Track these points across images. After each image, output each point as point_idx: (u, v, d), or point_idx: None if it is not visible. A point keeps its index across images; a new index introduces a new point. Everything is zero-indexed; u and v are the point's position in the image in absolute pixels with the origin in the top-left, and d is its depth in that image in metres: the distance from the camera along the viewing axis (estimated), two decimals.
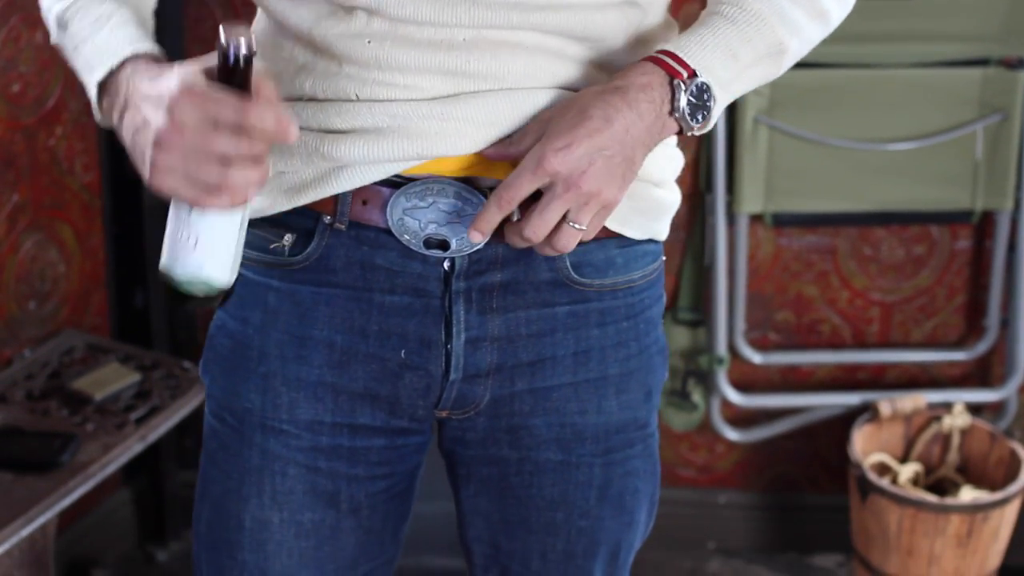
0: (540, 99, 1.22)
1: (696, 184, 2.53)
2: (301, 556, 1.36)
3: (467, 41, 1.20)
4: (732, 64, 1.24)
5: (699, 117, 1.23)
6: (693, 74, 1.21)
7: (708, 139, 2.49)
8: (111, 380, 2.29)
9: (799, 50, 1.31)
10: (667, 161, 1.33)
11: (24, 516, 1.98)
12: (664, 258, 1.39)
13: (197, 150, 1.09)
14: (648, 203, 1.32)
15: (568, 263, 1.29)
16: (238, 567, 1.36)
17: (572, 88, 1.24)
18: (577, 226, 1.19)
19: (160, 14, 1.33)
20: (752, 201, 2.50)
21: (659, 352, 1.38)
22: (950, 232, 2.60)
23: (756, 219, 2.56)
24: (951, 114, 2.47)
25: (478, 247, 1.25)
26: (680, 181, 1.39)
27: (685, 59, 1.22)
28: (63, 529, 2.46)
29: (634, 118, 1.19)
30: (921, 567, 2.45)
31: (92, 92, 1.21)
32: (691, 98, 1.21)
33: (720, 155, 2.48)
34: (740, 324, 2.60)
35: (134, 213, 2.54)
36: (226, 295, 1.19)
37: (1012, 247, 2.56)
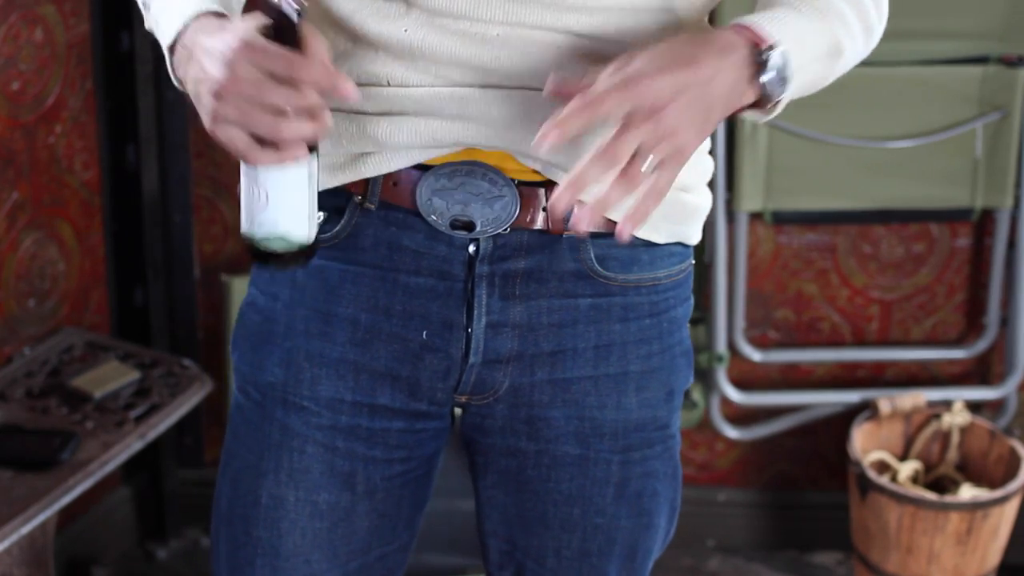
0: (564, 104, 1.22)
1: None
2: (315, 536, 1.37)
3: (500, 36, 1.22)
4: (800, 50, 1.22)
5: (780, 89, 1.19)
6: (773, 46, 1.19)
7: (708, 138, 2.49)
8: (111, 378, 2.29)
9: (849, 60, 1.29)
10: (696, 166, 1.33)
11: (24, 514, 1.98)
12: (693, 261, 1.39)
13: (252, 101, 1.12)
14: (675, 208, 1.31)
15: (592, 255, 1.29)
16: (252, 543, 1.37)
17: None
18: (647, 166, 1.14)
19: None
20: (752, 199, 2.50)
21: (683, 354, 1.38)
22: (950, 230, 2.60)
23: (756, 217, 2.56)
24: (951, 112, 2.47)
25: (502, 229, 1.26)
26: None
27: (762, 32, 1.19)
28: (63, 527, 2.46)
29: (722, 69, 1.16)
30: (921, 565, 2.45)
31: (167, 58, 1.23)
32: (777, 67, 1.19)
33: (720, 153, 2.48)
34: (740, 322, 2.60)
35: (134, 211, 2.54)
36: (309, 253, 1.20)
37: (1012, 245, 2.56)
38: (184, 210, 2.57)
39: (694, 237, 1.36)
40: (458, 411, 1.39)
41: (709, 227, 2.53)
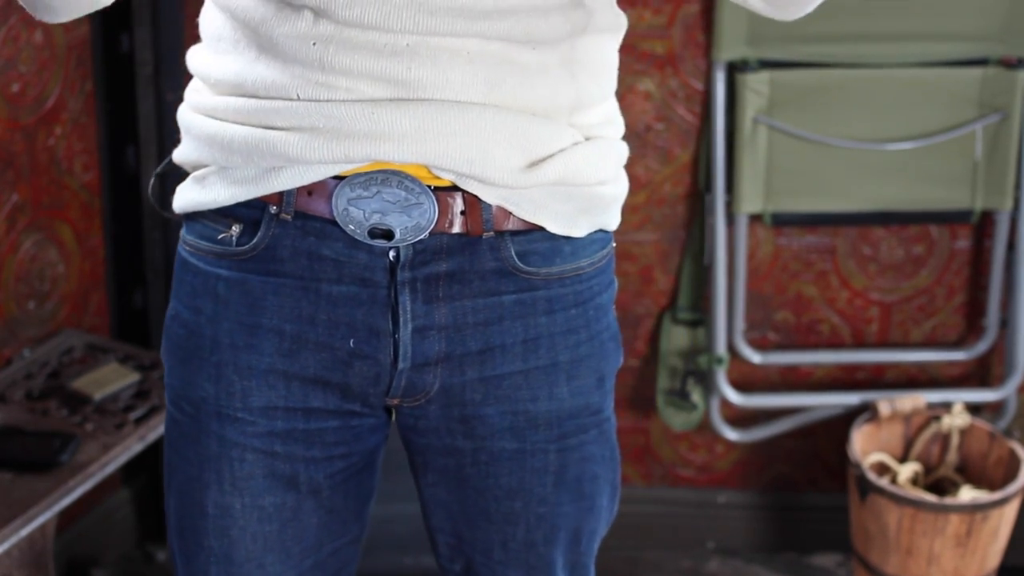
0: (473, 115, 1.24)
1: (695, 184, 2.53)
2: (265, 540, 1.38)
3: (409, 47, 1.22)
4: None
5: None
6: None
7: (708, 139, 2.49)
8: (110, 380, 2.29)
9: None
10: (610, 156, 1.34)
11: (24, 516, 1.98)
12: (614, 245, 1.40)
13: None
14: (593, 201, 1.33)
15: (513, 252, 1.31)
16: (204, 553, 1.39)
17: (509, 100, 1.25)
18: None
19: (160, 13, 1.34)
20: (751, 201, 2.50)
21: (611, 338, 1.39)
22: (949, 232, 2.60)
23: (755, 219, 2.56)
24: (950, 114, 2.47)
25: (422, 236, 1.27)
26: (679, 181, 1.39)
27: None
28: (62, 529, 2.46)
29: None
30: (920, 567, 2.45)
31: None
32: None
33: (719, 155, 2.48)
34: (739, 324, 2.60)
35: (133, 213, 2.54)
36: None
37: (1011, 247, 2.56)
38: None
39: (612, 223, 1.38)
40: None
41: (709, 229, 2.53)
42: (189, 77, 1.36)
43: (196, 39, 1.37)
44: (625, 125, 1.42)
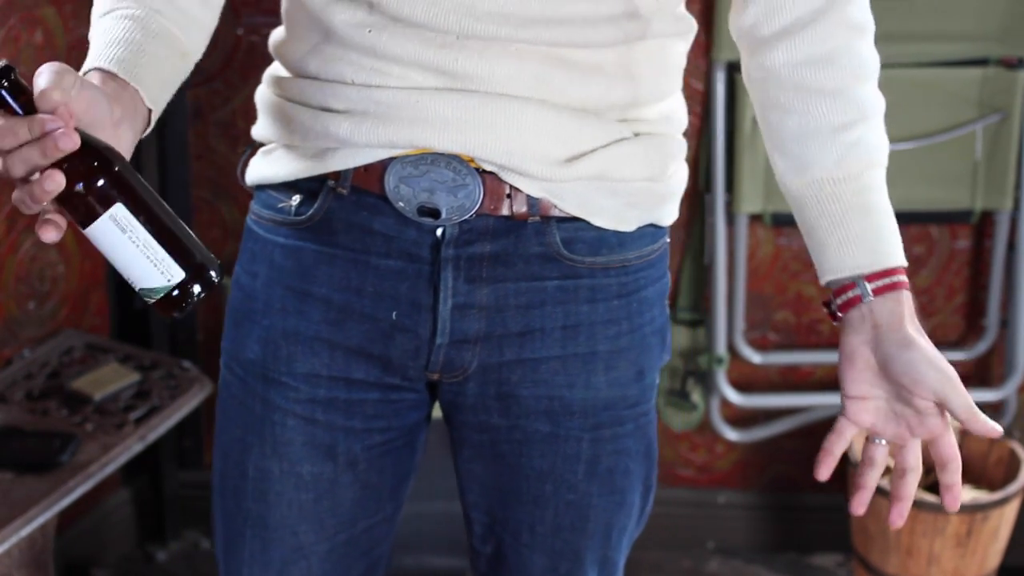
0: (515, 108, 1.26)
1: (695, 184, 2.53)
2: (300, 508, 1.40)
3: (459, 39, 1.25)
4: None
5: None
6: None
7: (708, 139, 2.49)
8: (110, 380, 2.29)
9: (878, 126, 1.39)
10: (648, 157, 1.34)
11: (24, 516, 1.98)
12: (668, 240, 1.41)
13: None
14: (643, 197, 1.34)
15: (559, 239, 1.32)
16: (242, 514, 1.41)
17: (556, 96, 1.27)
18: None
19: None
20: (751, 201, 2.50)
21: (655, 333, 1.40)
22: (949, 232, 2.60)
23: (755, 219, 2.56)
24: (950, 114, 2.47)
25: (467, 217, 1.29)
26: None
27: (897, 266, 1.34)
28: (63, 529, 2.46)
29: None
30: (920, 567, 2.45)
31: None
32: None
33: (719, 155, 2.48)
34: (739, 324, 2.60)
35: None
36: (186, 296, 1.14)
37: (1011, 247, 2.56)
38: (184, 212, 2.57)
39: (667, 218, 1.38)
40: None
41: (709, 229, 2.53)
42: (191, 77, 1.37)
43: None
44: None
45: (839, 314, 1.32)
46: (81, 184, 1.11)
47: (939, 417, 1.30)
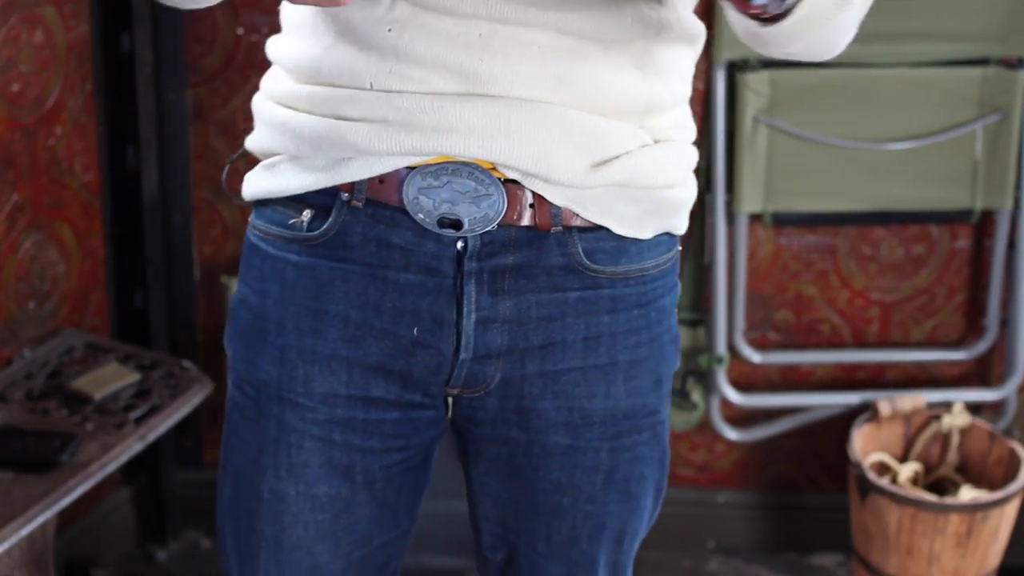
0: (540, 114, 1.24)
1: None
2: (317, 529, 1.38)
3: (482, 37, 1.23)
4: None
5: (777, 4, 1.16)
6: None
7: (708, 139, 2.49)
8: (111, 380, 2.29)
9: (853, 16, 1.22)
10: (670, 164, 1.33)
11: (24, 516, 1.98)
12: (680, 248, 1.40)
13: None
14: (660, 205, 1.33)
15: (580, 249, 1.31)
16: (256, 537, 1.39)
17: (578, 99, 1.25)
18: None
19: (160, 12, 1.34)
20: (752, 200, 2.50)
21: (671, 341, 1.40)
22: (949, 232, 2.60)
23: (756, 219, 2.56)
24: (950, 113, 2.47)
25: (489, 228, 1.27)
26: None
27: None
28: (63, 528, 2.46)
29: None
30: (921, 567, 2.45)
31: None
32: None
33: (720, 155, 2.48)
34: (740, 323, 2.60)
35: (133, 213, 2.54)
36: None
37: (1011, 246, 2.56)
38: (184, 212, 2.57)
39: (680, 227, 1.38)
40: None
41: (709, 229, 2.53)
42: (191, 77, 1.36)
43: (196, 39, 1.37)
44: None
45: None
46: None
47: None
